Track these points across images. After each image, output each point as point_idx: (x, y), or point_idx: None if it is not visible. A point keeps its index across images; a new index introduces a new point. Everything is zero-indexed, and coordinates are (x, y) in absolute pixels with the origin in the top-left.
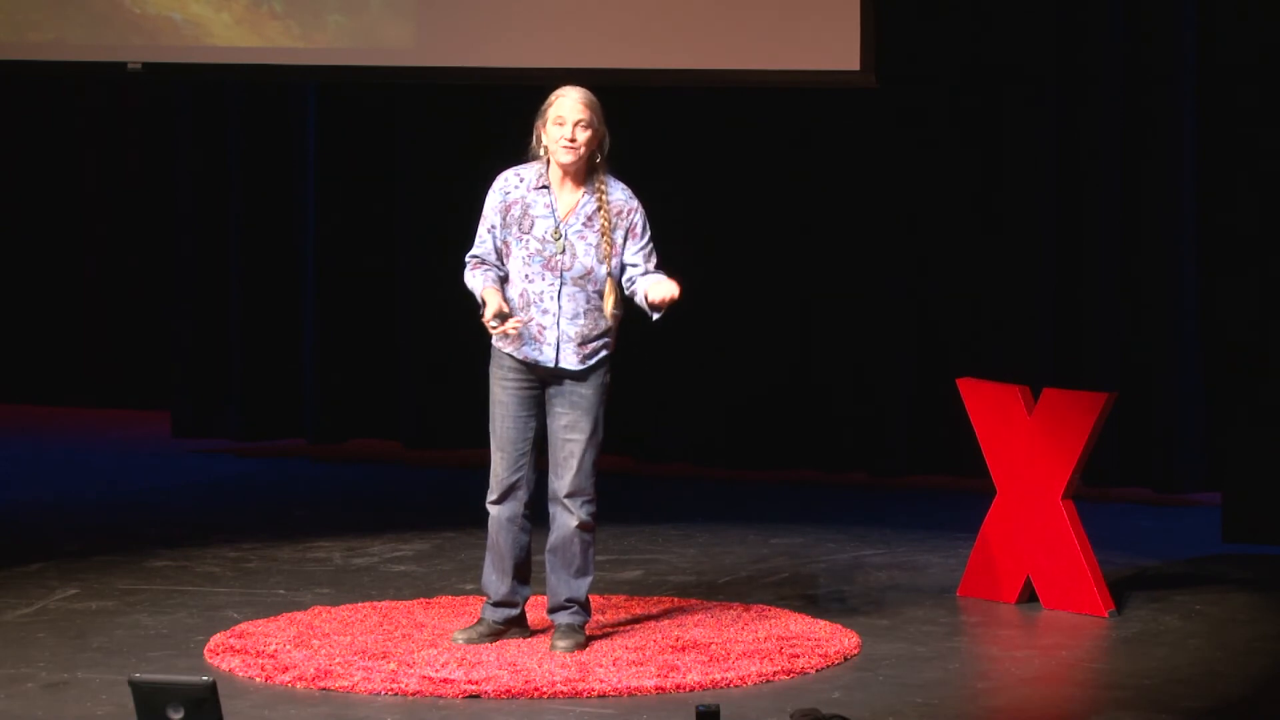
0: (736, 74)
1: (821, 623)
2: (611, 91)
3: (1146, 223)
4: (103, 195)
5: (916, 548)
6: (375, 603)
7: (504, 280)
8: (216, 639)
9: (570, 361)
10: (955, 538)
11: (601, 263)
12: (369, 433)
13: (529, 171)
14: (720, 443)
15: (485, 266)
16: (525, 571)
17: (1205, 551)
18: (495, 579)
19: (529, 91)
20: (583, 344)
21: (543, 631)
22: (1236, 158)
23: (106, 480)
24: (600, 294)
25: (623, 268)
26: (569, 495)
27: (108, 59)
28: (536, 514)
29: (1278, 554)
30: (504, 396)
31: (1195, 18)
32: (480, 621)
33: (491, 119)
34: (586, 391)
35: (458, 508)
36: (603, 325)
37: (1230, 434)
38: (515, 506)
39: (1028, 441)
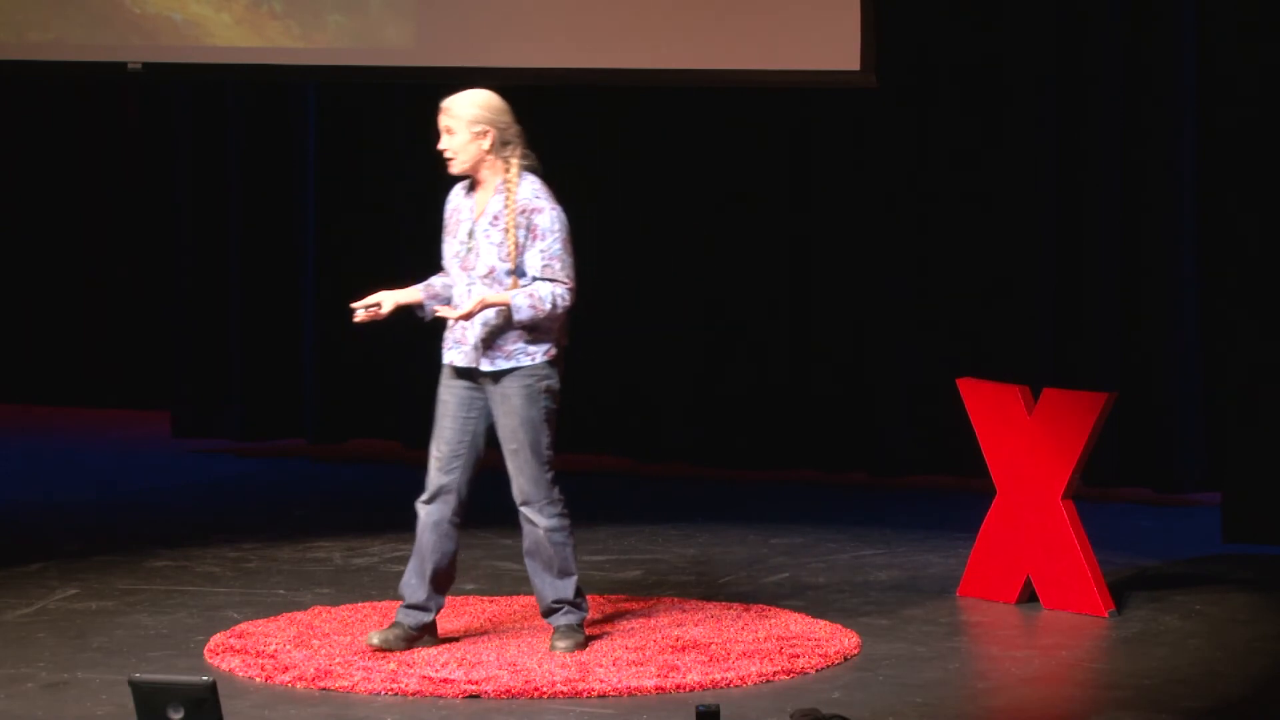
0: (736, 74)
1: (821, 623)
2: (611, 91)
3: (1146, 223)
4: (103, 195)
5: (916, 548)
6: (375, 603)
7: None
8: (216, 639)
9: (481, 363)
10: (955, 538)
11: (505, 260)
12: (369, 433)
13: (466, 179)
14: (720, 443)
15: (440, 274)
16: (444, 581)
17: (1205, 551)
18: (414, 582)
19: (529, 91)
20: (491, 345)
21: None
22: (1237, 157)
23: (106, 480)
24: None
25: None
26: (523, 504)
27: (108, 59)
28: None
29: (1278, 554)
30: (445, 395)
31: (1195, 18)
32: (395, 624)
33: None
34: (516, 401)
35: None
36: (514, 333)
37: (1230, 434)
38: (444, 510)
39: (1028, 441)
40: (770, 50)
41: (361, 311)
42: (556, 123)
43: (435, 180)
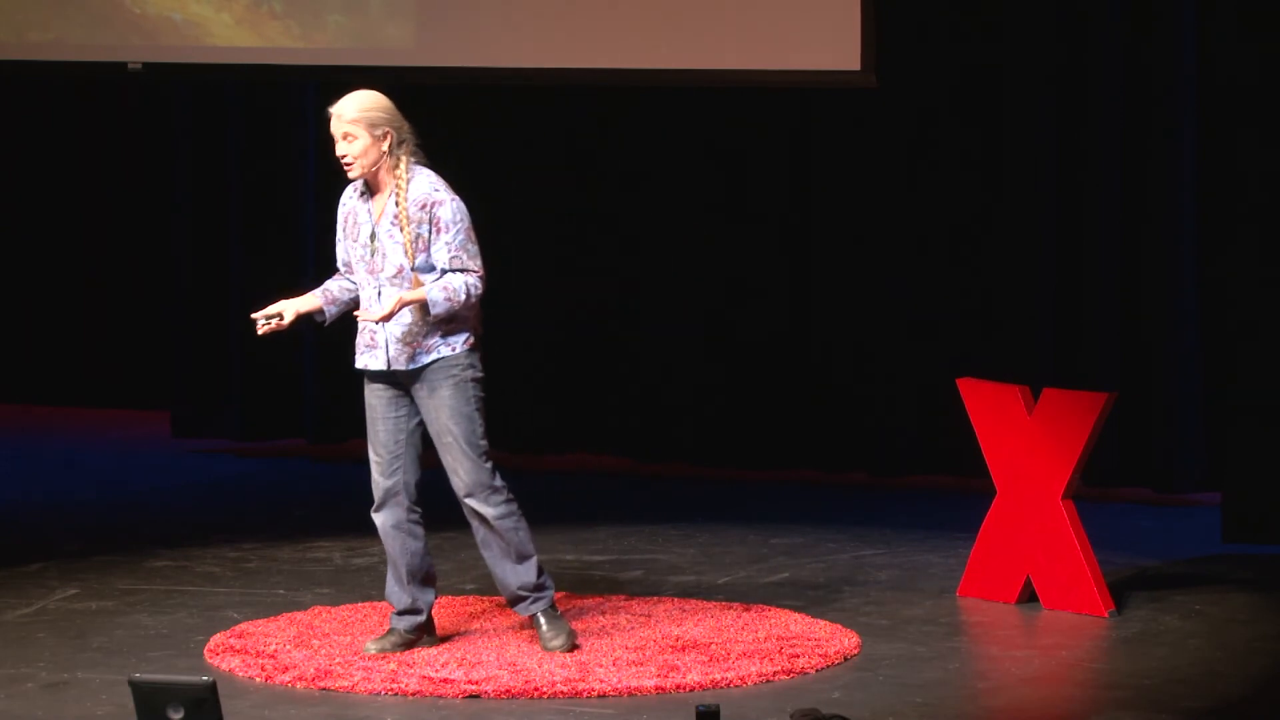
0: (736, 74)
1: (821, 623)
2: (612, 91)
3: (1146, 222)
4: (103, 195)
5: (916, 548)
6: (375, 603)
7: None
8: (216, 639)
9: (400, 363)
10: (955, 538)
11: (414, 261)
12: None
13: (361, 183)
14: (720, 443)
15: (335, 277)
16: (424, 576)
17: (1205, 551)
18: (396, 589)
19: (529, 91)
20: (409, 343)
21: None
22: (1237, 157)
23: (106, 480)
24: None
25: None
26: (466, 496)
27: (108, 59)
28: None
29: (1278, 554)
30: (372, 399)
31: (1195, 19)
32: (391, 631)
33: (491, 119)
34: (445, 394)
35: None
36: (428, 328)
37: (1230, 434)
38: (398, 513)
39: (1028, 441)
40: (770, 50)
41: (263, 323)
42: (556, 123)
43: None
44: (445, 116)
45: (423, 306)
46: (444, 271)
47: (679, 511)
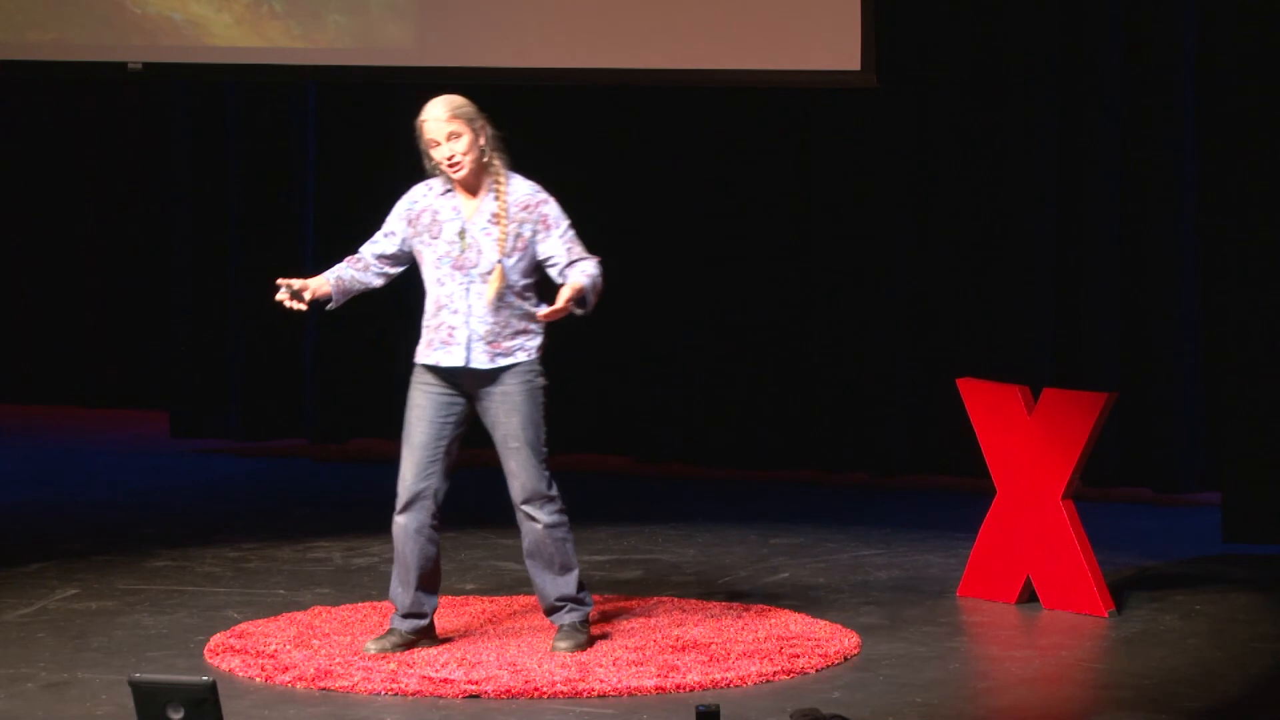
0: (736, 74)
1: (821, 623)
2: (612, 91)
3: (1146, 222)
4: (103, 195)
5: (916, 548)
6: (375, 603)
7: (384, 278)
8: (216, 639)
9: (480, 361)
10: (955, 538)
11: (509, 255)
12: (369, 433)
13: (438, 181)
14: (720, 443)
15: (352, 258)
16: (432, 582)
17: (1205, 551)
18: (400, 590)
19: (529, 91)
20: (493, 341)
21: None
22: (1237, 157)
23: (106, 480)
24: (517, 295)
25: (543, 265)
26: (524, 502)
27: (108, 59)
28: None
29: (1278, 554)
30: (420, 400)
31: (1195, 18)
32: (391, 631)
33: (491, 119)
34: (519, 398)
35: (457, 507)
36: (516, 325)
37: (1230, 434)
38: (421, 517)
39: (1028, 441)
40: (770, 50)
41: (285, 292)
42: (556, 123)
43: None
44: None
45: (580, 295)
46: (570, 264)
47: (679, 511)
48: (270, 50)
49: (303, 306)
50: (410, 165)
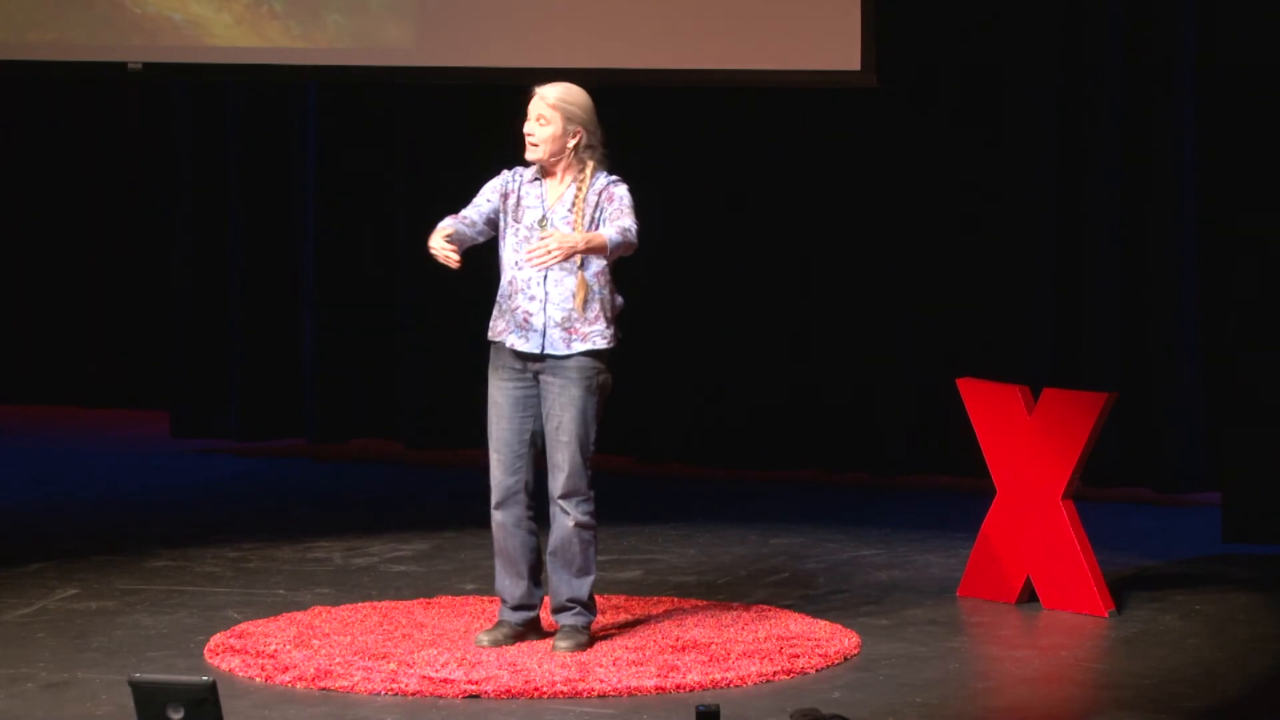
0: (736, 74)
1: (821, 623)
2: (611, 91)
3: (1146, 222)
4: (103, 195)
5: (916, 548)
6: (375, 603)
7: (482, 239)
8: (216, 639)
9: (557, 346)
10: (955, 538)
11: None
12: (369, 433)
13: (528, 169)
14: (720, 443)
15: (456, 217)
16: (538, 573)
17: (1205, 551)
18: (509, 583)
19: (528, 92)
20: (569, 328)
21: (550, 634)
22: (1237, 157)
23: (106, 480)
24: (594, 280)
25: None
26: (563, 496)
27: (108, 59)
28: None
29: (1278, 554)
30: (499, 398)
31: (1195, 18)
32: (501, 624)
33: (492, 119)
34: (576, 392)
35: (458, 507)
36: (593, 313)
37: (1230, 434)
38: (518, 511)
39: (1028, 441)
40: (770, 50)
41: (443, 248)
42: None
43: (435, 179)
44: (445, 116)
45: (600, 245)
46: (610, 222)
47: (679, 511)
48: (270, 50)
49: (458, 260)
50: (411, 165)
